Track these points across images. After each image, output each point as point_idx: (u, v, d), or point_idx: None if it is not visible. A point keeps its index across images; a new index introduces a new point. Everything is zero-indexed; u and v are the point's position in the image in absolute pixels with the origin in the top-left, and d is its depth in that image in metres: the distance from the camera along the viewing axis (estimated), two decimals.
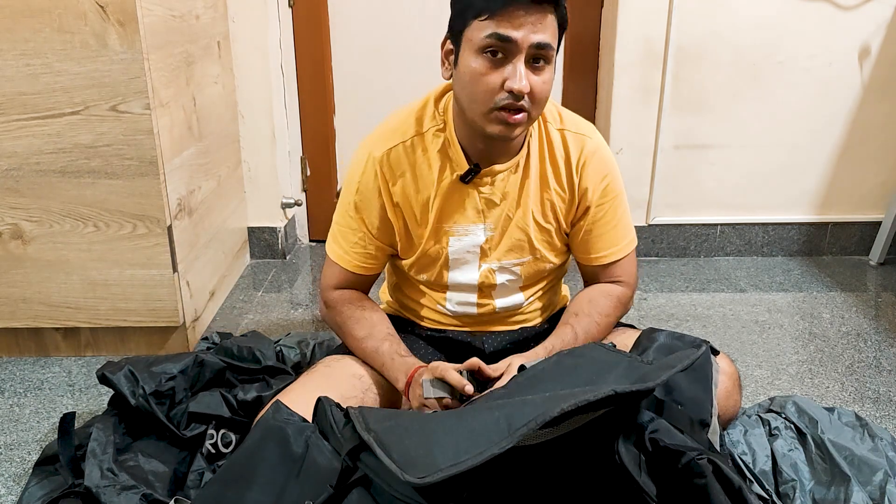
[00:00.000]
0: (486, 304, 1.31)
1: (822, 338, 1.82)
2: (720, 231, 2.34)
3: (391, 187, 1.22)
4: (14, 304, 1.65)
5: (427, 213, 1.23)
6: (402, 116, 1.24)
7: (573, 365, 1.00)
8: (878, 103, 2.19)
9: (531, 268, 1.29)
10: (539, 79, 1.07)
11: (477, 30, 1.06)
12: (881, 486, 1.15)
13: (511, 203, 1.24)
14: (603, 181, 1.25)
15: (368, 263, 1.29)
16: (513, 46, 1.04)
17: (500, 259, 1.27)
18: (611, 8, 2.17)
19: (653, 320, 1.92)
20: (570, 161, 1.24)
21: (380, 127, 1.26)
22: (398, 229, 1.26)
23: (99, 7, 1.42)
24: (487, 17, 1.04)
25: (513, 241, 1.26)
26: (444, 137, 1.20)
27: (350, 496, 0.88)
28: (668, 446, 0.89)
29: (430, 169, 1.21)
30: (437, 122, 1.21)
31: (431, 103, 1.23)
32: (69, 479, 1.19)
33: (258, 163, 2.26)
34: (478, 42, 1.06)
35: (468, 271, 1.28)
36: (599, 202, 1.26)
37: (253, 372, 1.44)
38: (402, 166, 1.21)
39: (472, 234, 1.25)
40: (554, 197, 1.25)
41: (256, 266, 2.31)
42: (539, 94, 1.08)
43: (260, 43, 2.14)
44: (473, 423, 0.83)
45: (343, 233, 1.28)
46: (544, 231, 1.27)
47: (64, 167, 1.53)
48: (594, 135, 1.26)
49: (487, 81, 1.06)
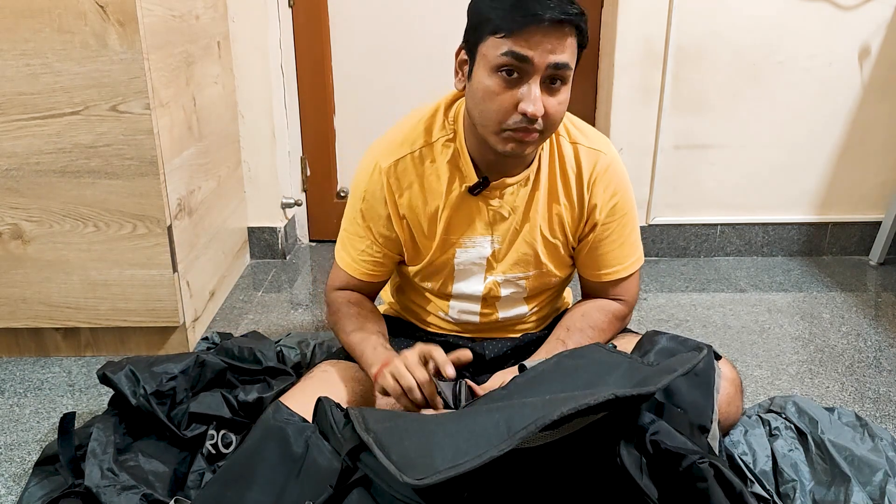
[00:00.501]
0: (490, 314, 1.30)
1: (822, 338, 1.82)
2: (720, 231, 2.34)
3: (398, 199, 1.20)
4: (14, 304, 1.65)
5: (435, 224, 1.21)
6: (411, 124, 1.21)
7: (574, 366, 1.00)
8: (878, 103, 2.19)
9: (536, 281, 1.28)
10: (555, 100, 1.04)
11: (493, 47, 1.01)
12: (881, 486, 1.15)
13: (519, 217, 1.21)
14: (612, 199, 1.22)
15: (376, 271, 1.28)
16: (529, 66, 1.00)
17: (506, 272, 1.25)
18: (611, 8, 2.17)
19: (653, 320, 1.92)
20: (582, 176, 1.21)
21: (388, 134, 1.23)
22: (404, 240, 1.24)
23: (99, 7, 1.42)
24: (504, 35, 1.00)
25: (519, 254, 1.24)
26: (453, 148, 1.17)
27: (350, 496, 0.88)
28: (669, 449, 0.89)
29: (439, 180, 1.19)
30: (447, 132, 1.18)
31: (441, 112, 1.20)
32: (69, 479, 1.19)
33: (258, 163, 2.26)
34: (493, 60, 1.02)
35: (473, 283, 1.26)
36: (607, 220, 1.23)
37: (254, 373, 1.43)
38: (410, 177, 1.19)
39: (479, 247, 1.23)
40: (563, 211, 1.22)
41: (256, 266, 2.31)
42: (553, 116, 1.05)
43: (260, 43, 2.14)
44: (473, 425, 0.83)
45: (351, 240, 1.27)
46: (551, 246, 1.25)
47: (64, 167, 1.53)
48: (608, 150, 1.22)
49: (501, 101, 1.03)
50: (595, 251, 1.26)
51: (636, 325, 1.83)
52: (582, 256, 1.28)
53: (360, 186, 1.23)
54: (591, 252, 1.26)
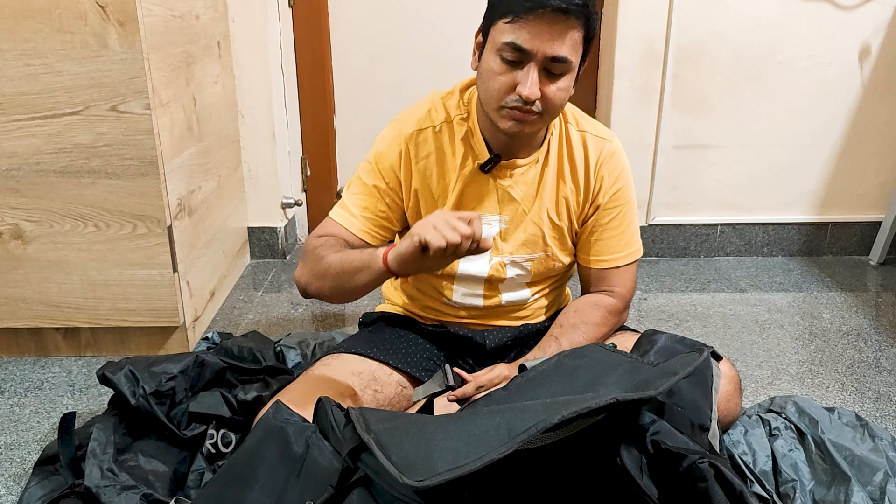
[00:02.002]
0: (493, 297, 1.32)
1: (822, 338, 1.82)
2: (720, 231, 2.34)
3: (413, 165, 1.24)
4: (14, 304, 1.65)
5: (446, 197, 1.25)
6: (431, 102, 1.26)
7: (574, 367, 1.00)
8: (878, 103, 2.19)
9: (541, 265, 1.30)
10: (554, 86, 1.09)
11: (499, 32, 1.08)
12: (881, 486, 1.15)
13: (528, 198, 1.25)
14: (616, 183, 1.27)
15: (373, 231, 1.25)
16: (527, 55, 1.06)
17: (513, 253, 1.28)
18: (611, 8, 2.17)
19: (653, 320, 1.92)
20: (589, 161, 1.26)
21: (410, 109, 1.27)
22: (410, 211, 1.26)
23: (99, 7, 1.42)
24: (511, 21, 1.05)
25: (527, 235, 1.27)
26: (467, 127, 1.23)
27: (351, 496, 0.88)
28: (669, 449, 0.89)
29: (454, 155, 1.23)
30: (462, 111, 1.24)
31: (457, 93, 1.26)
32: (69, 479, 1.19)
33: (258, 163, 2.26)
34: (497, 44, 1.08)
35: (479, 263, 1.28)
36: (609, 205, 1.27)
37: (253, 372, 1.43)
38: (429, 148, 1.24)
39: (486, 225, 1.26)
40: (569, 195, 1.27)
41: (256, 266, 2.31)
42: (553, 101, 1.10)
43: (260, 43, 2.14)
44: (474, 428, 0.83)
45: (354, 199, 1.26)
46: (557, 228, 1.29)
47: (64, 167, 1.53)
48: (614, 140, 1.29)
49: (501, 81, 1.09)
50: (594, 236, 1.29)
51: (636, 324, 1.84)
52: (582, 241, 1.31)
53: (378, 148, 1.25)
54: (591, 236, 1.30)
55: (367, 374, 1.24)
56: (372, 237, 1.25)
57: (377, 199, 1.25)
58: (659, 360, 1.05)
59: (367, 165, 1.26)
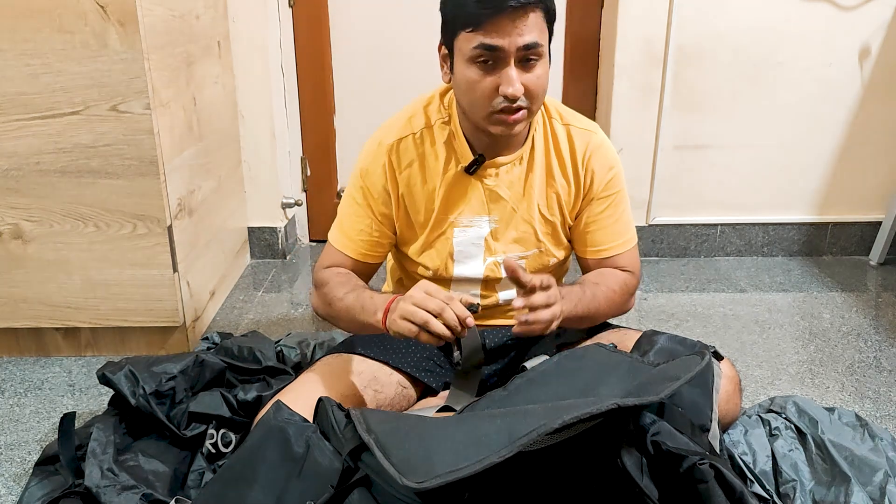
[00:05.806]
0: (489, 297, 1.32)
1: (822, 338, 1.82)
2: (720, 231, 2.34)
3: (398, 175, 1.25)
4: (14, 304, 1.65)
5: (432, 202, 1.25)
6: (412, 110, 1.27)
7: (574, 367, 1.00)
8: (878, 104, 2.19)
9: (536, 262, 1.31)
10: (532, 75, 1.10)
11: (465, 41, 1.09)
12: (881, 486, 1.15)
13: (516, 195, 1.26)
14: (609, 172, 1.28)
15: (372, 251, 1.29)
16: (501, 53, 1.07)
17: (506, 252, 1.28)
18: (611, 8, 2.17)
19: (653, 320, 1.92)
20: (576, 154, 1.26)
21: (391, 118, 1.28)
22: (398, 219, 1.27)
23: (99, 7, 1.42)
24: (473, 29, 1.07)
25: (518, 233, 1.28)
26: (449, 130, 1.24)
27: (351, 496, 0.88)
28: (670, 450, 0.89)
29: (437, 160, 1.24)
30: (443, 115, 1.25)
31: (437, 98, 1.27)
32: (69, 479, 1.19)
33: (258, 163, 2.26)
34: (467, 52, 1.09)
35: (474, 266, 1.29)
36: (603, 194, 1.28)
37: (253, 372, 1.43)
38: (411, 156, 1.24)
39: (476, 226, 1.26)
40: (560, 190, 1.27)
41: (256, 266, 2.31)
42: (535, 89, 1.11)
43: (260, 43, 2.14)
44: (474, 430, 0.83)
45: (349, 220, 1.29)
46: (549, 224, 1.29)
47: (64, 167, 1.53)
48: (599, 131, 1.29)
49: (483, 88, 1.10)
50: (591, 227, 1.30)
51: (636, 324, 1.84)
52: (578, 233, 1.31)
53: (362, 164, 1.27)
54: (587, 228, 1.30)
55: (368, 374, 1.24)
56: (373, 257, 1.30)
57: (371, 220, 1.27)
58: (659, 361, 1.05)
59: (356, 182, 1.27)
